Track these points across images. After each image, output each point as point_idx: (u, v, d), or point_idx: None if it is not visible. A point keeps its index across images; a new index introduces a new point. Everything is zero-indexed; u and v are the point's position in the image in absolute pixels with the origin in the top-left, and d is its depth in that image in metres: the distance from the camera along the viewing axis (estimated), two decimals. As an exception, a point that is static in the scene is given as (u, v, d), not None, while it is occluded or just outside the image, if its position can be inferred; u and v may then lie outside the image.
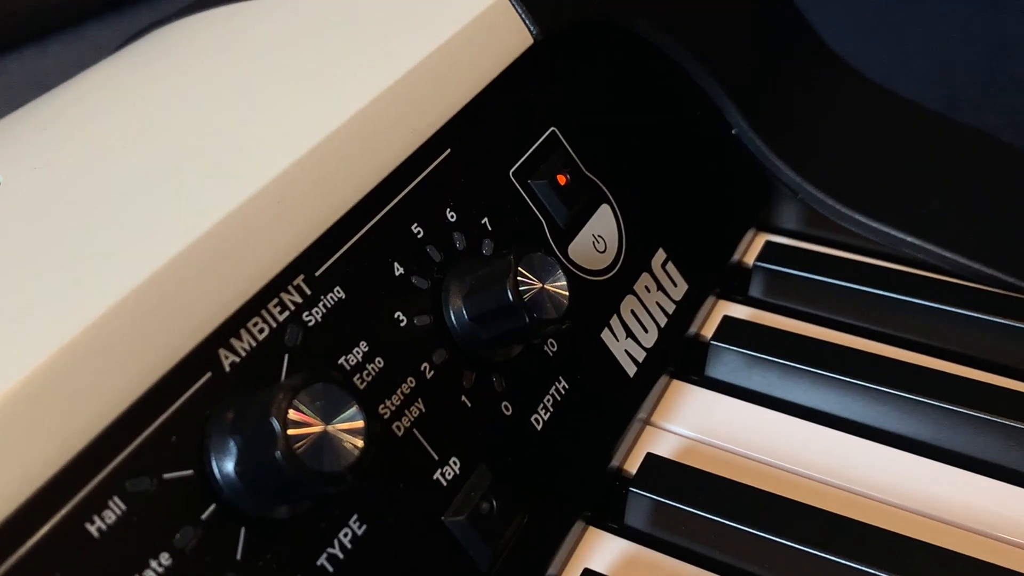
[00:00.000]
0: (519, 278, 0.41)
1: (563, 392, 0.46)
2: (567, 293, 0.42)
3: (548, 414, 0.45)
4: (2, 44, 0.86)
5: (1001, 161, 0.66)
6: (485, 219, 0.46)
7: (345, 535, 0.36)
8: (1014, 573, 0.43)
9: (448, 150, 0.46)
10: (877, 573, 0.43)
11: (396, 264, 0.42)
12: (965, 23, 1.22)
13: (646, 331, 0.52)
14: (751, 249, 0.62)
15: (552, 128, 0.51)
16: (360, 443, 0.32)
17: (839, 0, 1.18)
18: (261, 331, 0.37)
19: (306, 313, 0.38)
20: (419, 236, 0.43)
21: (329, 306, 0.39)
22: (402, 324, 0.41)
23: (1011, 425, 0.49)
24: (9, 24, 0.86)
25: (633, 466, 0.49)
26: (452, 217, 0.45)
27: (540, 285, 0.41)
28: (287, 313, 0.38)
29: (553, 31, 0.51)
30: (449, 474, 0.40)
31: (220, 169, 0.39)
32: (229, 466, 0.33)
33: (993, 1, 1.23)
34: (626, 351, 0.50)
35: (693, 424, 0.52)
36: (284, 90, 0.44)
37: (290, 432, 0.31)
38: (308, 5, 0.52)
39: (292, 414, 0.32)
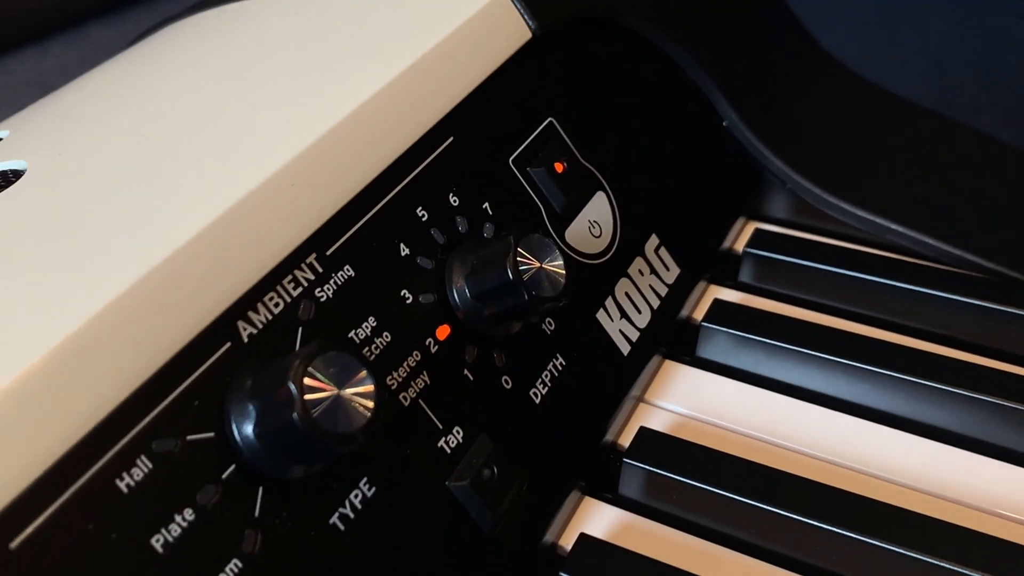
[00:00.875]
0: (519, 258, 0.43)
1: (560, 368, 0.49)
2: (564, 272, 0.44)
3: (546, 388, 0.47)
4: (2, 44, 0.86)
5: (984, 153, 0.68)
6: (486, 204, 0.48)
7: (355, 496, 0.39)
8: (993, 539, 0.45)
9: (451, 138, 0.48)
10: (860, 538, 0.45)
11: (402, 245, 0.44)
12: (962, 22, 1.23)
13: (640, 312, 0.54)
14: (741, 236, 0.64)
15: (550, 119, 0.53)
16: (371, 405, 0.35)
17: (837, 0, 1.19)
18: (276, 305, 0.39)
19: (318, 289, 0.40)
20: (424, 219, 0.45)
21: (339, 283, 0.41)
22: (408, 301, 0.43)
23: (989, 401, 0.51)
24: (9, 24, 0.86)
25: (627, 441, 0.51)
26: (455, 201, 0.47)
27: (538, 265, 0.43)
28: (300, 289, 0.40)
29: (551, 27, 0.53)
30: (452, 442, 0.43)
31: (237, 155, 0.41)
32: (248, 429, 0.35)
33: (990, 1, 1.24)
34: (620, 331, 0.53)
35: (684, 401, 0.54)
36: (295, 82, 0.47)
37: (306, 397, 0.34)
38: (317, 1, 0.54)
39: (308, 380, 0.34)
